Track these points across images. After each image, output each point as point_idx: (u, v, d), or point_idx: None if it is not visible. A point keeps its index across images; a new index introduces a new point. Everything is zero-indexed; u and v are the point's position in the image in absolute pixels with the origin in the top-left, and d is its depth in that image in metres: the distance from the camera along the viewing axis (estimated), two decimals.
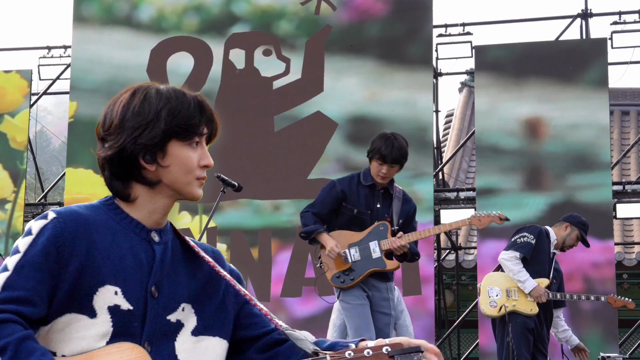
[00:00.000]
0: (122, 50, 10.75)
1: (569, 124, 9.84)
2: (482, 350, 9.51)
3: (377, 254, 5.71)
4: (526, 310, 6.96)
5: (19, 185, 10.96)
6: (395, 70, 10.20)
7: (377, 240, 5.72)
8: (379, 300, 5.78)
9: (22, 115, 11.10)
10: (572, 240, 7.23)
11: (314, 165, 10.05)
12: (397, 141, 5.67)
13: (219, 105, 10.29)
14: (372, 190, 5.79)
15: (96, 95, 10.64)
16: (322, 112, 10.23)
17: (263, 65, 10.47)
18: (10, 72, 11.28)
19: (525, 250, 7.03)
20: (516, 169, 9.85)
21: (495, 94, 10.05)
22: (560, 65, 10.00)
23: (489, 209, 9.62)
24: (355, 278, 5.71)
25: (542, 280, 7.03)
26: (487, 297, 7.11)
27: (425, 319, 9.55)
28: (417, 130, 9.99)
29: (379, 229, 5.75)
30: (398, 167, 5.73)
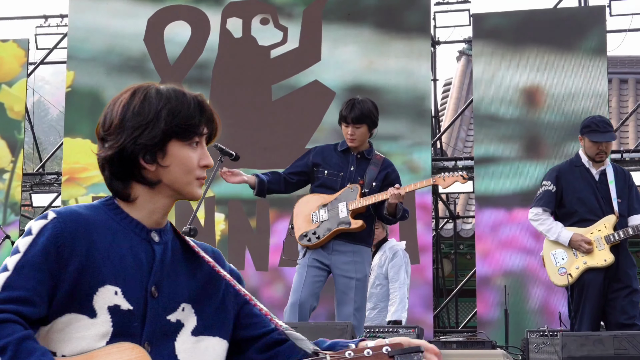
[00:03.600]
0: (119, 20, 10.70)
1: (567, 92, 9.82)
2: (480, 318, 9.55)
3: (344, 213, 5.79)
4: (600, 263, 6.10)
5: (16, 155, 10.95)
6: (392, 39, 10.16)
7: (345, 201, 5.81)
8: (339, 263, 5.81)
9: (20, 85, 11.06)
10: (591, 149, 6.26)
11: (312, 134, 10.04)
12: (359, 103, 5.83)
13: (216, 75, 10.26)
14: (346, 155, 5.94)
15: (93, 65, 10.61)
16: (320, 81, 10.20)
17: (260, 34, 10.43)
18: (7, 41, 11.23)
19: (545, 200, 6.31)
20: (514, 138, 9.84)
21: (494, 63, 10.01)
22: (558, 33, 9.96)
23: (488, 178, 9.72)
24: (321, 236, 5.81)
25: (608, 218, 6.17)
26: (553, 265, 6.25)
27: (424, 287, 9.58)
28: (415, 99, 9.98)
29: (349, 191, 5.84)
30: (366, 128, 5.84)
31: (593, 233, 6.20)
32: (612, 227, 6.18)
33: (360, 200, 5.79)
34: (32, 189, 11.49)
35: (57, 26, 11.71)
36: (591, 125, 6.28)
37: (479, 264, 9.63)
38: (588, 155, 6.34)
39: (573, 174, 6.38)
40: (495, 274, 9.49)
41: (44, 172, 12.07)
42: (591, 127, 6.27)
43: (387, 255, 7.65)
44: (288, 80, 10.28)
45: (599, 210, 6.26)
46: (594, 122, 6.30)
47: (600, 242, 6.17)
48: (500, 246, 9.54)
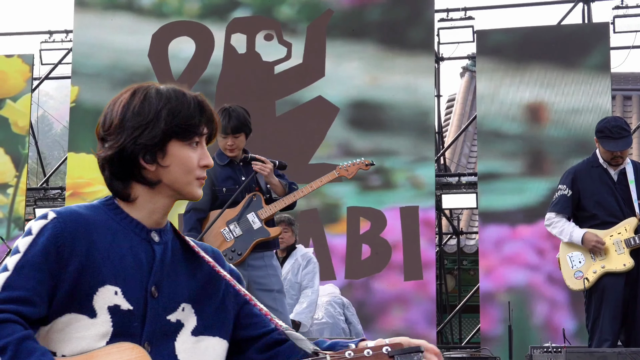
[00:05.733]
0: (124, 35, 10.73)
1: (570, 108, 9.82)
2: (484, 334, 9.53)
3: (258, 224, 5.69)
4: (619, 267, 5.77)
5: (20, 170, 10.96)
6: (396, 55, 10.17)
7: (253, 212, 5.71)
8: (256, 278, 5.68)
9: (24, 100, 11.09)
10: (605, 154, 5.93)
11: (316, 150, 10.04)
12: (235, 111, 5.66)
13: (220, 90, 10.27)
14: (232, 166, 5.79)
15: (98, 80, 10.63)
16: (324, 97, 10.21)
17: (264, 49, 10.45)
18: (12, 56, 11.26)
19: (560, 205, 5.97)
20: (518, 154, 9.83)
21: (497, 79, 10.02)
22: (562, 50, 9.97)
23: (491, 194, 9.71)
24: (243, 252, 5.67)
25: (629, 221, 5.85)
26: (570, 268, 5.93)
27: (427, 303, 9.56)
28: (419, 115, 9.98)
29: (253, 200, 5.73)
30: (244, 136, 5.72)
31: (613, 236, 5.87)
32: (633, 230, 5.85)
33: (269, 208, 5.71)
34: (36, 204, 11.49)
35: (62, 42, 11.74)
36: (604, 130, 5.90)
37: (483, 280, 9.61)
38: (603, 158, 5.99)
39: (590, 176, 6.01)
40: (499, 290, 9.46)
41: (48, 186, 12.08)
42: (604, 133, 5.90)
43: (299, 262, 7.44)
44: (292, 95, 10.30)
45: (619, 213, 5.92)
46: (607, 128, 5.90)
47: (620, 245, 5.83)
48: (503, 262, 9.52)
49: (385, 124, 10.09)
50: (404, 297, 9.53)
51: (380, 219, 9.74)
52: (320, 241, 9.79)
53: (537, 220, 9.02)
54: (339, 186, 9.66)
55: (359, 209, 9.86)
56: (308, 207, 9.80)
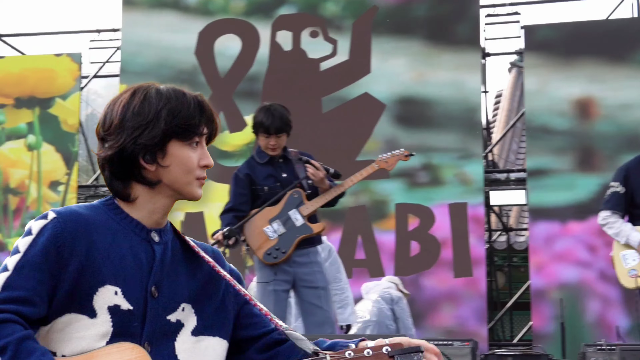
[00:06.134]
0: (170, 33, 10.80)
1: (620, 103, 9.70)
2: (535, 332, 9.44)
3: (300, 221, 5.65)
4: None
5: (71, 168, 11.07)
6: (442, 51, 10.13)
7: (295, 208, 5.67)
8: (302, 275, 5.66)
9: (73, 98, 11.19)
10: None
11: (362, 146, 10.02)
12: (277, 111, 5.63)
13: (266, 88, 10.29)
14: (272, 164, 5.76)
15: (145, 78, 10.55)
16: (370, 94, 10.19)
17: (310, 46, 10.45)
18: (61, 55, 11.37)
19: (613, 202, 5.87)
20: (567, 150, 9.73)
21: (545, 74, 9.93)
22: (610, 45, 9.85)
23: (541, 190, 9.62)
24: (287, 250, 5.63)
25: None
26: (623, 267, 5.80)
27: (477, 300, 9.49)
28: (466, 111, 9.92)
29: (294, 197, 5.69)
30: (285, 136, 5.68)
31: None
32: None
33: (311, 204, 5.67)
34: (87, 201, 11.60)
35: (110, 40, 11.83)
36: None
37: (534, 277, 9.53)
38: None
39: None
40: (550, 287, 9.37)
41: (98, 184, 12.17)
42: None
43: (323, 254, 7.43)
44: (338, 92, 10.28)
45: None
46: None
47: None
48: (554, 259, 9.43)
49: (432, 120, 10.04)
50: (454, 294, 9.48)
51: (429, 216, 9.70)
52: (369, 238, 9.77)
53: (588, 216, 8.94)
54: (387, 183, 9.64)
55: (407, 205, 9.82)
56: (356, 204, 9.79)
